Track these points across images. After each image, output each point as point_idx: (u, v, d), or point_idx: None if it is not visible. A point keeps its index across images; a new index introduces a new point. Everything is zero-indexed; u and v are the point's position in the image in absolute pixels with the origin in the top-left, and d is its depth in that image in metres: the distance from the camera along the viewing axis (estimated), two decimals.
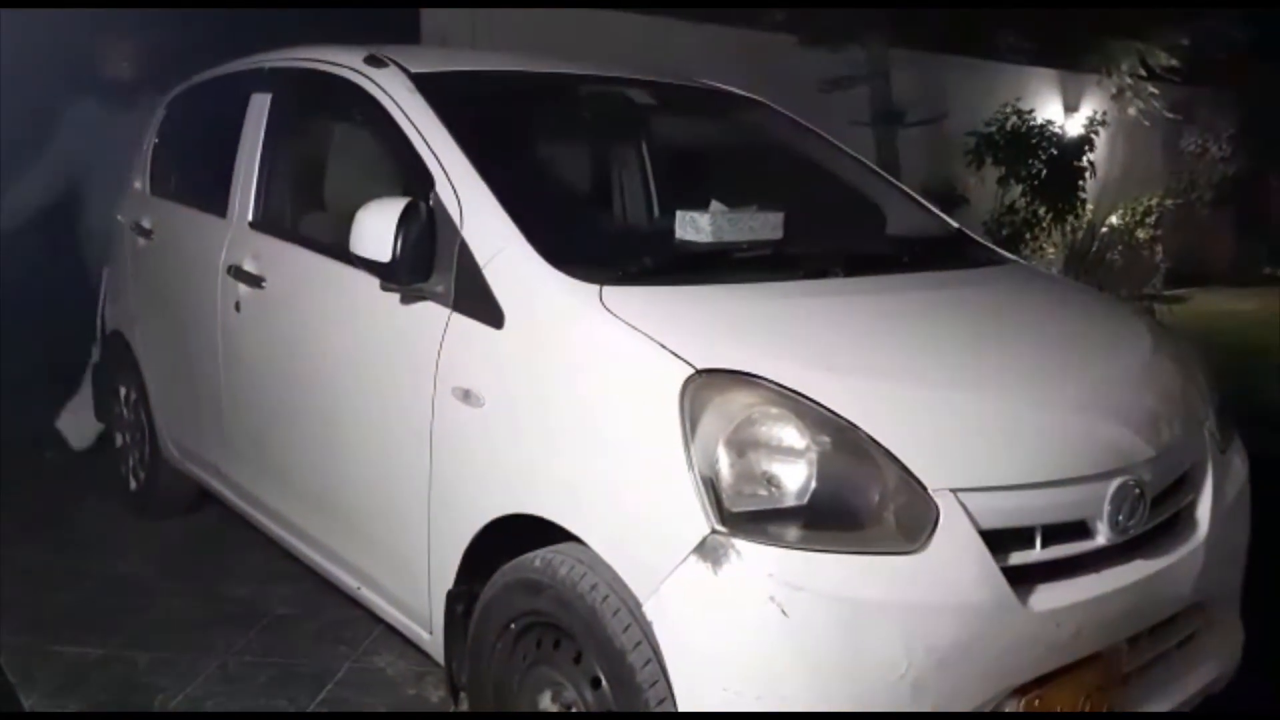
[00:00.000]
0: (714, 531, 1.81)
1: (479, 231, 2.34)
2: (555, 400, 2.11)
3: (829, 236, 2.89)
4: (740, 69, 5.13)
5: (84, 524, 4.03)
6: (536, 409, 2.14)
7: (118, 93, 4.70)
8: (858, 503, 1.86)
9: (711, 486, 1.83)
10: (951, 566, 1.85)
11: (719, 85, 3.56)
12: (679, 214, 2.57)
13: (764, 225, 2.57)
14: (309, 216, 3.20)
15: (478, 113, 2.76)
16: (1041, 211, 9.70)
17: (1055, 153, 9.76)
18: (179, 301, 3.49)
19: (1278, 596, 2.82)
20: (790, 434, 1.85)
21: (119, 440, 4.26)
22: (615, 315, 2.06)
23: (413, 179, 2.54)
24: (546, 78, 3.22)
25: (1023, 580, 1.92)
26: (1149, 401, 2.30)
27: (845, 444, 1.87)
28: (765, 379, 1.90)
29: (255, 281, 3.02)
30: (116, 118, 4.58)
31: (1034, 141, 9.76)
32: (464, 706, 2.42)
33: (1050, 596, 1.94)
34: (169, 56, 4.45)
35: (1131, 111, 10.73)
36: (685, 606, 1.84)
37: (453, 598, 2.34)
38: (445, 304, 2.34)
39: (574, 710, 2.08)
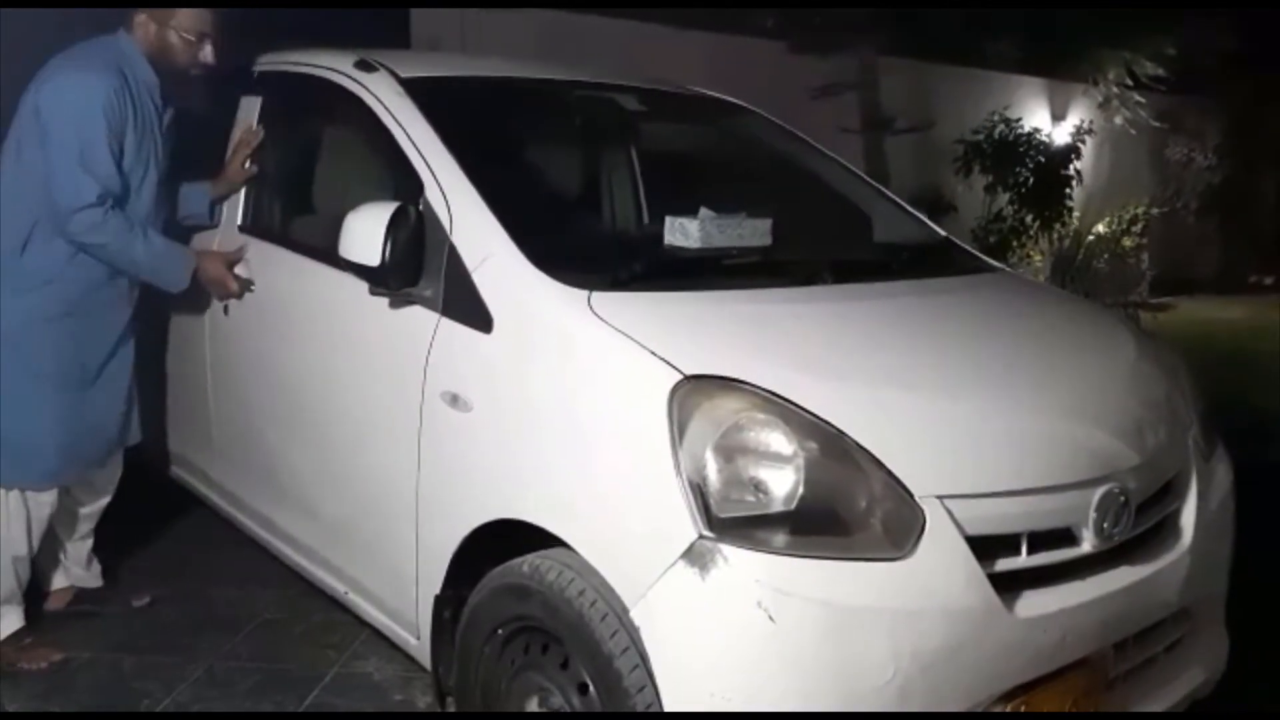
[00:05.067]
0: (701, 537, 1.81)
1: (468, 236, 2.34)
2: (543, 405, 2.11)
3: (817, 243, 2.90)
4: (729, 75, 5.15)
5: None
6: (525, 414, 2.14)
7: None
8: (844, 509, 1.87)
9: (699, 492, 1.83)
10: (938, 573, 1.85)
11: (708, 92, 3.57)
12: (668, 220, 2.58)
13: (752, 232, 2.58)
14: (298, 220, 3.20)
15: (468, 118, 2.77)
16: (1029, 219, 9.76)
17: (1042, 161, 9.83)
18: (167, 305, 3.47)
19: (1265, 601, 2.84)
20: (778, 440, 1.86)
21: None
22: (604, 321, 2.07)
23: (402, 184, 2.54)
24: (536, 83, 3.22)
25: (1009, 586, 1.93)
26: (1134, 409, 2.31)
27: (832, 450, 1.87)
28: (753, 385, 1.91)
29: (244, 285, 3.02)
30: None
31: (1021, 150, 9.82)
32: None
33: (1036, 603, 1.96)
34: None
35: (1118, 120, 10.82)
36: (672, 612, 1.84)
37: (440, 603, 2.33)
38: (434, 308, 2.35)
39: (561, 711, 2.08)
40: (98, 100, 2.73)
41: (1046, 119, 11.44)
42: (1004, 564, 1.94)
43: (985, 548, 1.91)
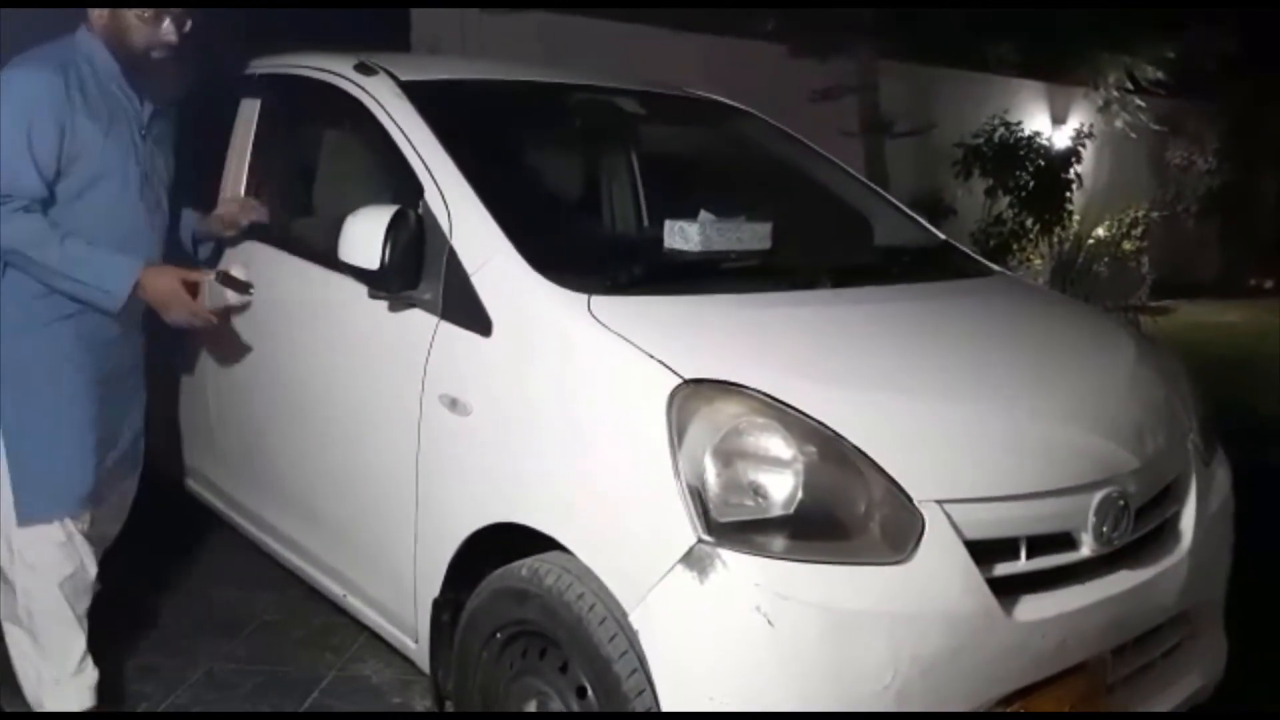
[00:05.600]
0: (700, 541, 1.81)
1: (468, 240, 2.34)
2: (543, 409, 2.11)
3: (817, 247, 2.90)
4: (729, 78, 5.15)
5: None
6: (524, 418, 2.14)
7: None
8: (844, 513, 1.87)
9: (698, 496, 1.83)
10: (937, 577, 1.85)
11: (708, 95, 3.57)
12: (667, 223, 2.58)
13: (752, 235, 2.58)
14: (298, 223, 3.20)
15: (467, 121, 2.77)
16: (1029, 223, 9.79)
17: (1043, 164, 9.86)
18: None
19: (1265, 602, 2.84)
20: (777, 444, 1.86)
21: None
22: (603, 324, 2.07)
23: (402, 187, 2.54)
24: (536, 86, 3.22)
25: (1008, 591, 1.93)
26: (1133, 413, 2.31)
27: (831, 454, 1.87)
28: (752, 389, 1.91)
29: (243, 288, 3.01)
30: None
31: (1022, 153, 9.85)
32: None
33: (1035, 607, 1.96)
34: None
35: (1118, 124, 10.83)
36: (671, 616, 1.84)
37: (439, 606, 2.33)
38: (433, 312, 2.34)
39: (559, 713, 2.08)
40: (17, 95, 2.46)
41: (1047, 122, 11.46)
42: (1003, 568, 1.94)
43: (984, 552, 1.91)
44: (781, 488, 1.84)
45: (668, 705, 1.85)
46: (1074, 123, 11.24)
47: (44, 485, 2.60)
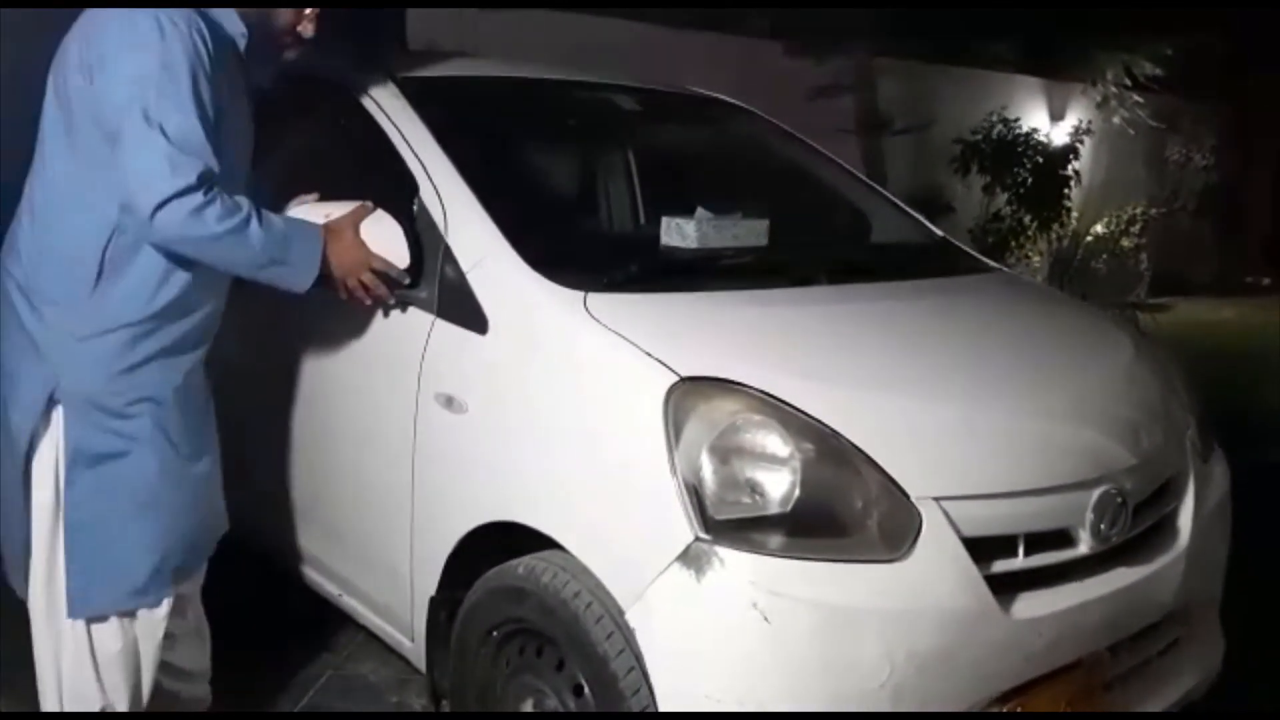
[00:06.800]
0: (697, 539, 1.81)
1: (463, 237, 2.33)
2: (539, 407, 2.10)
3: (814, 244, 2.89)
4: (727, 76, 5.15)
5: None
6: (520, 416, 2.13)
7: None
8: (841, 510, 1.87)
9: (695, 494, 1.83)
10: (934, 574, 1.85)
11: (706, 92, 3.57)
12: (664, 220, 2.57)
13: (749, 232, 2.57)
14: None
15: (463, 118, 2.76)
16: (1027, 220, 9.76)
17: (1041, 161, 9.83)
18: None
19: (1265, 601, 2.84)
20: (774, 441, 1.85)
21: None
22: (600, 322, 2.06)
23: (397, 184, 2.53)
24: (533, 83, 3.22)
25: (1005, 588, 1.93)
26: (1131, 410, 2.31)
27: (829, 452, 1.87)
28: (749, 386, 1.91)
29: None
30: None
31: (1020, 150, 9.82)
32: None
33: (1032, 604, 1.95)
34: None
35: (1116, 121, 10.82)
36: (668, 614, 1.84)
37: (435, 604, 2.33)
38: (429, 310, 2.34)
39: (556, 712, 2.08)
40: (177, 44, 1.90)
41: (1045, 119, 11.45)
42: (1000, 565, 1.94)
43: (982, 549, 1.90)
44: (778, 485, 1.83)
45: (664, 703, 1.85)
46: (1072, 119, 11.22)
47: (102, 567, 2.12)
